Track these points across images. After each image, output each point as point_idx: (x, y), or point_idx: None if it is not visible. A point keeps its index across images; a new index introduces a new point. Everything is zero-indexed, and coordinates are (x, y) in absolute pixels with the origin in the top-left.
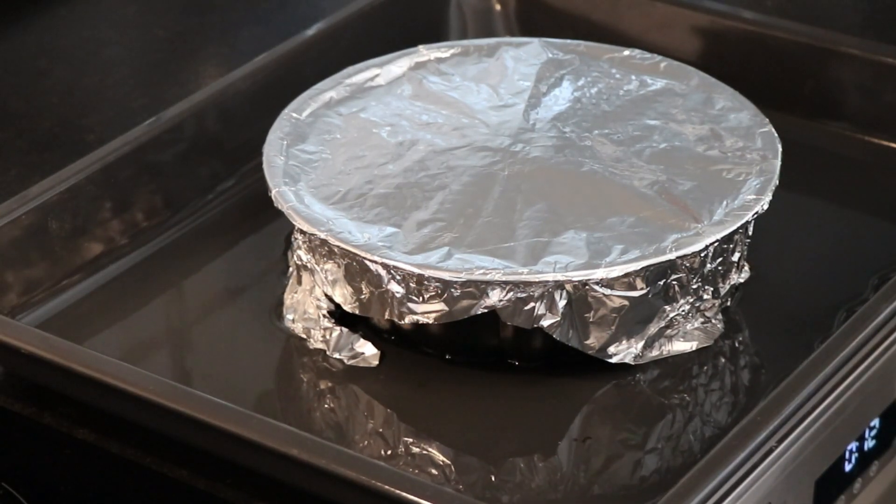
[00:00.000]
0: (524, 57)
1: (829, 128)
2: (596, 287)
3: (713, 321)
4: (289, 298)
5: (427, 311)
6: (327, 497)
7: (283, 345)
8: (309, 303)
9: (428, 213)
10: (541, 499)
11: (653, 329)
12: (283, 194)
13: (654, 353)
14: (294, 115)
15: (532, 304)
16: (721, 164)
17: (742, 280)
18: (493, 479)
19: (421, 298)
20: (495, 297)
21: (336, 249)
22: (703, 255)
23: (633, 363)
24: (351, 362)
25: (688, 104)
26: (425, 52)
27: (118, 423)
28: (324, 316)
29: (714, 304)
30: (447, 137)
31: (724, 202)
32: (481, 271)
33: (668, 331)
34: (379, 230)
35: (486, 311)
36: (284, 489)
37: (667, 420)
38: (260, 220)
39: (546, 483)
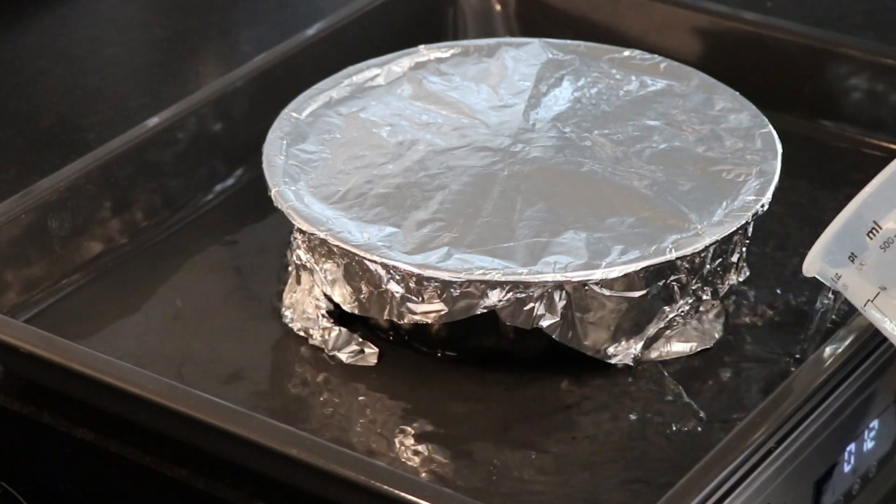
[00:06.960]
0: (524, 57)
1: (829, 128)
2: (595, 287)
3: (713, 322)
4: (288, 298)
5: (427, 312)
6: (327, 497)
7: (283, 344)
8: (308, 302)
9: (428, 213)
10: (540, 498)
11: (652, 330)
12: (283, 194)
13: (654, 353)
14: (294, 114)
15: (531, 305)
16: (721, 164)
17: (741, 280)
18: (492, 478)
19: (420, 298)
20: (495, 298)
21: (335, 249)
22: (702, 255)
23: (632, 364)
24: (350, 361)
25: (688, 105)
26: (425, 52)
27: (118, 423)
28: (323, 315)
29: (713, 305)
30: (447, 137)
31: (724, 203)
32: (481, 271)
33: (668, 331)
34: (378, 230)
35: (485, 311)
36: (284, 489)
37: (666, 420)
38: (259, 219)
39: (545, 482)
